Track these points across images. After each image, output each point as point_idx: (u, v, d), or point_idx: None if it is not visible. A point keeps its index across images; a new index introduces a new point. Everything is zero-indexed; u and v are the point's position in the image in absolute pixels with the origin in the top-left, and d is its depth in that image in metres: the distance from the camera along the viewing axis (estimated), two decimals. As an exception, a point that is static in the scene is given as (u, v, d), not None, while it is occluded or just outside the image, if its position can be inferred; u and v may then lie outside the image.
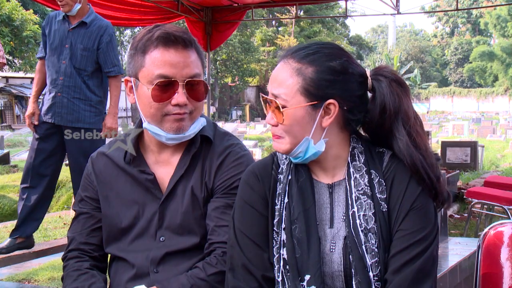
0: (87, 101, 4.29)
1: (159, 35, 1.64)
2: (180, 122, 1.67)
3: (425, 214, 1.44)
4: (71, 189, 7.51)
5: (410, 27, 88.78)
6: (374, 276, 1.40)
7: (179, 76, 1.64)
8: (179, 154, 1.78)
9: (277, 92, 1.47)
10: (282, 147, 1.50)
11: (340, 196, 1.50)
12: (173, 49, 1.64)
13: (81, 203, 1.85)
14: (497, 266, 1.61)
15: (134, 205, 1.76)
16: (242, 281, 1.49)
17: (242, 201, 1.57)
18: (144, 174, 1.76)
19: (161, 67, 1.63)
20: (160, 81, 1.63)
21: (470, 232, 6.16)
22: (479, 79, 56.71)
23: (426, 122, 31.60)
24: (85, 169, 1.88)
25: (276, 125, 1.49)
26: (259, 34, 41.70)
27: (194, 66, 1.67)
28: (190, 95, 1.66)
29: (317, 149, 1.47)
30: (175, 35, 1.64)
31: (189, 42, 1.66)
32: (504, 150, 16.63)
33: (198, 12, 9.18)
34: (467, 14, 68.02)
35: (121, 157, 1.79)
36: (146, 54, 1.65)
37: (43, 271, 4.03)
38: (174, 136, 1.69)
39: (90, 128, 4.30)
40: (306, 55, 1.47)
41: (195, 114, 1.71)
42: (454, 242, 4.22)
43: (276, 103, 1.46)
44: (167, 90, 1.64)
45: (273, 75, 1.49)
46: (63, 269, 1.81)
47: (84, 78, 4.23)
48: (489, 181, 6.48)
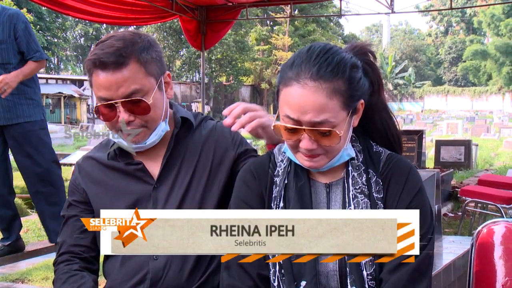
0: (21, 94, 4.21)
1: (89, 59, 1.66)
2: (134, 137, 1.70)
3: (422, 214, 1.44)
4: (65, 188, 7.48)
5: (406, 26, 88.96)
6: (368, 275, 1.40)
7: (115, 97, 1.64)
8: (164, 147, 1.80)
9: (322, 118, 1.38)
10: (320, 164, 1.45)
11: (337, 195, 1.50)
12: (104, 72, 1.63)
13: (69, 208, 1.85)
14: (490, 264, 1.61)
15: (127, 196, 1.77)
16: (237, 279, 1.48)
17: (238, 199, 1.56)
18: (132, 166, 1.79)
19: (99, 90, 1.66)
20: (101, 104, 1.67)
21: (464, 230, 6.18)
22: (473, 78, 56.91)
23: (421, 121, 31.68)
24: (72, 175, 1.91)
25: (315, 148, 1.42)
26: (254, 33, 41.70)
27: (130, 83, 1.64)
28: (133, 112, 1.67)
29: (351, 155, 1.49)
30: (101, 60, 1.62)
31: (120, 62, 1.63)
32: (497, 149, 16.68)
33: (193, 11, 9.16)
34: (461, 13, 68.22)
35: (105, 157, 1.82)
36: (91, 76, 1.68)
37: (36, 271, 4.02)
38: (135, 146, 1.73)
39: (30, 121, 4.25)
40: (330, 71, 1.40)
41: (150, 125, 1.72)
42: (448, 241, 4.22)
43: (330, 130, 1.39)
44: (111, 110, 1.67)
45: (304, 103, 1.38)
46: (54, 273, 1.81)
47: (11, 71, 4.10)
48: (483, 180, 6.50)
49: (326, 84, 1.38)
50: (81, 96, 33.42)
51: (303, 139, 1.41)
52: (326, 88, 1.38)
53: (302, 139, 1.41)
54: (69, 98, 32.87)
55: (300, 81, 1.39)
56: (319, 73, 1.39)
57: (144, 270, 1.71)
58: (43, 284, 3.82)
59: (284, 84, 1.43)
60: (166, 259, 1.70)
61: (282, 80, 1.45)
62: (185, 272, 1.70)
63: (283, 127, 1.42)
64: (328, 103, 1.38)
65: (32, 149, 4.27)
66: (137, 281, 1.71)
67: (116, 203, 1.76)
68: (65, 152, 14.37)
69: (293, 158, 1.50)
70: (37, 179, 4.33)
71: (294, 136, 1.42)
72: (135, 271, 1.72)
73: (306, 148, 1.41)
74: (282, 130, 1.43)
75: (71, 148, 16.69)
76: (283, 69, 1.46)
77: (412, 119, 33.00)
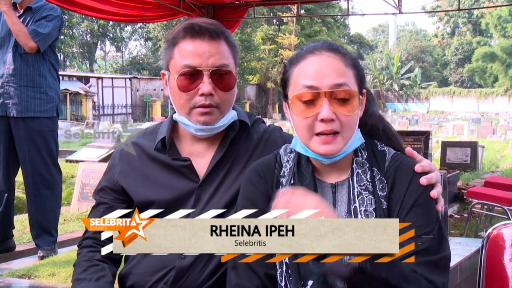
0: (36, 87, 4.19)
1: (185, 27, 1.68)
2: (206, 116, 1.69)
3: (428, 212, 1.43)
4: (71, 186, 7.49)
5: (412, 26, 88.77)
6: None
7: (204, 66, 1.66)
8: (214, 147, 1.78)
9: (342, 81, 1.42)
10: (336, 146, 1.44)
11: (343, 195, 1.50)
12: (199, 39, 1.66)
13: (102, 192, 1.85)
14: (500, 266, 1.61)
15: (168, 190, 1.75)
16: (245, 279, 1.48)
17: (245, 199, 1.56)
18: (178, 161, 1.77)
19: (187, 57, 1.66)
20: (185, 70, 1.66)
21: (470, 232, 6.16)
22: (479, 79, 56.74)
23: (426, 121, 31.60)
24: (110, 160, 1.89)
25: (333, 120, 1.42)
26: (260, 32, 41.68)
27: (221, 56, 1.68)
28: (217, 85, 1.68)
29: (362, 140, 1.50)
30: (200, 26, 1.66)
31: (217, 33, 1.68)
32: (504, 151, 16.62)
33: (200, 9, 9.16)
34: (468, 14, 68.01)
35: (151, 146, 1.80)
36: (175, 46, 1.69)
37: (43, 267, 4.03)
38: (203, 127, 1.71)
39: (40, 117, 4.22)
40: (341, 48, 1.48)
41: (224, 107, 1.72)
42: (454, 242, 4.23)
43: (350, 91, 1.42)
44: (193, 81, 1.67)
45: (323, 67, 1.42)
46: (77, 255, 1.81)
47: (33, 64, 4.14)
48: (489, 182, 6.49)
49: (340, 55, 1.46)
50: (87, 93, 33.50)
51: (322, 109, 1.40)
52: (341, 58, 1.45)
53: (320, 110, 1.41)
54: (75, 95, 32.96)
55: (315, 52, 1.46)
56: (332, 46, 1.47)
57: (169, 266, 1.70)
58: (49, 280, 3.83)
59: (296, 62, 1.48)
60: (193, 260, 1.69)
61: (292, 62, 1.50)
62: (205, 272, 1.69)
63: (301, 101, 1.43)
64: (345, 69, 1.44)
65: (35, 148, 4.22)
66: (161, 276, 1.70)
67: (156, 195, 1.75)
68: (71, 148, 14.42)
69: (303, 151, 1.49)
70: (36, 179, 4.28)
71: (312, 108, 1.42)
72: (160, 266, 1.71)
73: (325, 116, 1.40)
74: (299, 105, 1.44)
75: (77, 145, 16.73)
76: (291, 58, 1.52)
77: (418, 120, 32.91)
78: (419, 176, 1.46)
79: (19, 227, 5.14)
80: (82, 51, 51.71)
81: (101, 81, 36.61)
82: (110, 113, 35.98)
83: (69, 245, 4.82)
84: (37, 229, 4.32)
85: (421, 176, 1.45)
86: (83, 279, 1.70)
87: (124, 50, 56.61)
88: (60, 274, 3.87)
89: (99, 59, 59.85)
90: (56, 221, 4.45)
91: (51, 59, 4.32)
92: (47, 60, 4.28)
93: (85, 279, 1.69)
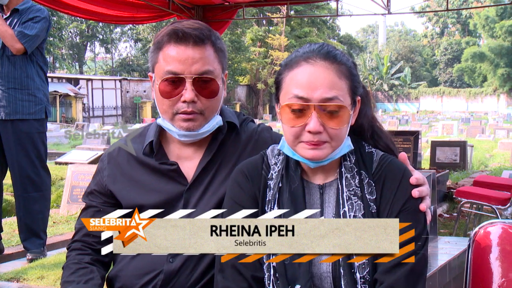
0: (24, 89, 4.16)
1: (169, 32, 1.65)
2: (189, 122, 1.67)
3: (416, 216, 1.44)
4: (60, 188, 7.46)
5: (402, 26, 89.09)
6: (361, 278, 1.40)
7: (187, 73, 1.64)
8: (202, 149, 1.77)
9: (332, 95, 1.40)
10: (324, 152, 1.44)
11: (331, 197, 1.50)
12: (183, 45, 1.64)
13: (91, 195, 1.84)
14: (487, 265, 1.62)
15: (157, 194, 1.74)
16: (232, 282, 1.47)
17: (231, 200, 1.55)
18: (166, 165, 1.75)
19: (170, 63, 1.64)
20: (167, 77, 1.64)
21: (460, 231, 6.20)
22: (468, 79, 57.01)
23: (416, 121, 31.71)
24: (99, 163, 1.88)
25: (321, 132, 1.42)
26: (250, 33, 41.67)
27: (205, 62, 1.65)
28: (200, 92, 1.66)
29: (351, 146, 1.50)
30: (184, 31, 1.64)
31: (201, 38, 1.65)
32: (492, 150, 16.73)
33: (189, 10, 9.15)
34: (457, 15, 68.40)
35: (139, 149, 1.79)
36: (160, 50, 1.67)
37: (32, 270, 4.00)
38: (186, 133, 1.69)
39: (28, 119, 4.19)
40: (337, 55, 1.45)
41: (208, 114, 1.70)
42: (443, 241, 4.24)
43: (340, 106, 1.41)
44: (176, 87, 1.65)
45: (315, 79, 1.41)
46: (66, 258, 1.80)
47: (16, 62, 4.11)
48: (478, 181, 6.52)
49: (334, 65, 1.43)
50: (77, 94, 33.33)
51: (311, 121, 1.40)
52: (335, 68, 1.43)
53: (308, 122, 1.40)
54: (65, 97, 32.78)
55: (309, 60, 1.43)
56: (328, 55, 1.44)
57: (158, 270, 1.69)
58: (38, 283, 3.81)
59: (290, 67, 1.46)
60: (181, 264, 1.67)
61: (287, 66, 1.48)
62: (194, 276, 1.68)
63: (290, 109, 1.42)
64: (337, 81, 1.42)
65: (24, 150, 4.19)
66: (149, 279, 1.69)
67: (145, 199, 1.74)
68: (61, 151, 14.34)
69: (290, 153, 1.49)
70: (24, 181, 4.25)
71: (301, 119, 1.42)
72: (148, 268, 1.70)
73: (313, 129, 1.40)
74: (288, 114, 1.43)
75: (67, 147, 16.65)
76: (287, 60, 1.49)
77: (408, 120, 33.03)
78: (407, 178, 1.47)
79: (7, 230, 5.12)
80: (71, 52, 51.46)
81: (91, 83, 36.43)
82: (100, 115, 35.82)
83: (58, 248, 4.80)
84: (26, 232, 4.30)
85: (411, 183, 1.46)
86: (71, 282, 1.69)
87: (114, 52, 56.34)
88: (49, 277, 3.85)
89: (89, 61, 59.54)
90: (45, 224, 4.42)
91: (39, 61, 4.29)
92: (35, 62, 4.25)
93: (74, 282, 1.68)
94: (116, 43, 55.65)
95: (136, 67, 50.72)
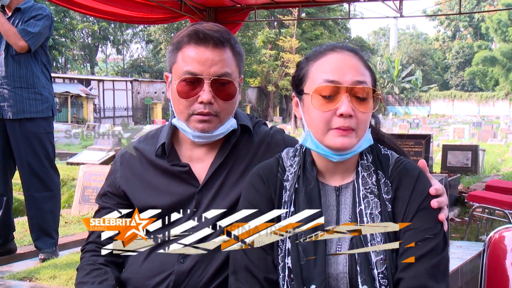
0: (30, 88, 4.16)
1: (190, 32, 1.67)
2: (204, 123, 1.68)
3: (433, 214, 1.44)
4: (72, 188, 7.50)
5: (413, 30, 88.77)
6: (379, 274, 1.39)
7: (205, 74, 1.65)
8: (214, 151, 1.77)
9: (362, 78, 1.45)
10: (351, 142, 1.44)
11: (347, 198, 1.50)
12: (203, 46, 1.65)
13: (104, 197, 1.85)
14: (502, 270, 1.61)
15: (168, 195, 1.74)
16: (245, 284, 1.48)
17: (246, 202, 1.55)
18: (178, 167, 1.76)
19: (189, 63, 1.65)
20: (185, 77, 1.65)
21: (471, 236, 6.16)
22: (480, 83, 56.74)
23: (427, 125, 31.59)
24: (112, 164, 1.89)
25: (351, 116, 1.43)
26: (261, 35, 41.70)
27: (224, 64, 1.66)
28: (217, 94, 1.67)
29: (371, 142, 1.51)
30: (205, 32, 1.65)
31: (221, 41, 1.66)
32: (504, 154, 16.61)
33: (201, 12, 9.18)
34: (469, 18, 68.04)
35: (152, 151, 1.80)
36: (179, 51, 1.69)
37: (44, 270, 4.02)
38: (200, 134, 1.70)
39: (36, 118, 4.19)
40: (358, 51, 1.51)
41: (223, 116, 1.71)
42: (455, 246, 4.22)
43: (369, 89, 1.44)
44: (193, 88, 1.66)
45: (344, 64, 1.45)
46: (80, 260, 1.82)
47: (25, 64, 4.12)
48: (490, 185, 6.48)
49: (359, 56, 1.49)
50: (88, 95, 33.51)
51: (342, 104, 1.42)
52: (360, 59, 1.48)
53: (340, 106, 1.42)
54: (76, 98, 32.96)
55: (336, 50, 1.48)
56: (352, 48, 1.50)
57: (169, 271, 1.69)
58: (50, 283, 3.82)
59: (315, 58, 1.50)
60: (192, 264, 1.67)
61: (310, 58, 1.51)
62: (206, 277, 1.68)
63: (320, 95, 1.44)
64: (364, 69, 1.47)
65: (32, 150, 4.21)
66: (160, 280, 1.69)
67: (156, 200, 1.74)
68: (72, 151, 14.41)
69: (314, 147, 1.48)
70: (34, 181, 4.27)
71: (332, 103, 1.43)
72: (159, 269, 1.70)
73: (345, 111, 1.41)
74: (318, 100, 1.44)
75: (78, 147, 16.74)
76: (309, 55, 1.53)
77: (419, 123, 32.92)
78: (422, 180, 1.47)
79: (19, 229, 5.15)
80: (83, 53, 51.76)
81: (102, 84, 36.63)
82: (111, 116, 35.99)
83: (70, 248, 4.82)
84: (37, 231, 4.32)
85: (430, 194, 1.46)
86: (86, 282, 1.70)
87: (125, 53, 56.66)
88: (61, 276, 3.86)
89: (100, 62, 59.86)
90: (56, 223, 4.44)
91: (43, 59, 4.30)
92: (39, 60, 4.26)
93: (88, 282, 1.69)
94: (127, 44, 55.92)
95: (147, 68, 50.95)
